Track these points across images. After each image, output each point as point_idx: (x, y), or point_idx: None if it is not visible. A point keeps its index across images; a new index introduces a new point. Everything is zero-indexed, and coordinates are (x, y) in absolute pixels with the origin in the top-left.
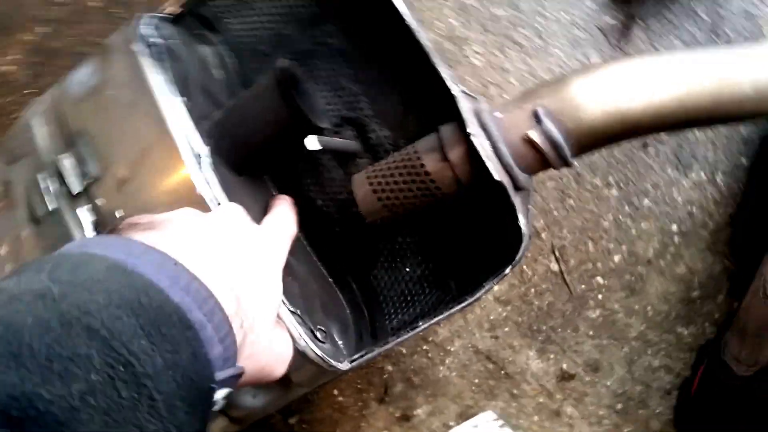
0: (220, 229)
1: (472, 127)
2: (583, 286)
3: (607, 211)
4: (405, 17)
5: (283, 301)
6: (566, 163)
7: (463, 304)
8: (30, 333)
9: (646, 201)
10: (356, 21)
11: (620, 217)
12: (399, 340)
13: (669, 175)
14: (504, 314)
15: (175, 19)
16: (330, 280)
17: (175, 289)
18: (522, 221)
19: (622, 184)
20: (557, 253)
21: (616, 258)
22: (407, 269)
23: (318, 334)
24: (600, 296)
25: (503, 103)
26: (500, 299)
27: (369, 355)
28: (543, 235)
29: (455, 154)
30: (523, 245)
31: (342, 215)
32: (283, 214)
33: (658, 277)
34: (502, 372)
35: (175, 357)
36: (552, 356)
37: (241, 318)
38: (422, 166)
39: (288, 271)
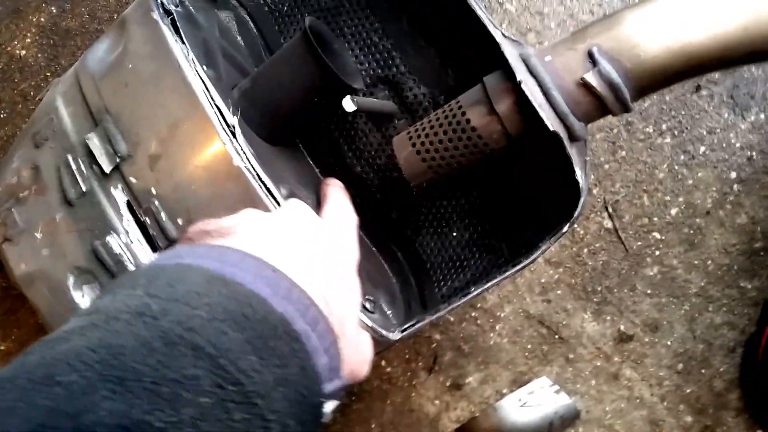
0: (293, 229)
1: (521, 74)
2: (639, 242)
3: (661, 161)
4: None
5: None
6: (626, 108)
7: (518, 267)
8: (133, 355)
9: (702, 148)
10: None
11: (675, 166)
12: (451, 307)
13: (725, 119)
14: (556, 276)
15: None
16: (374, 249)
17: (277, 299)
18: (579, 174)
19: (676, 131)
20: (610, 209)
21: (673, 211)
22: (454, 234)
23: (367, 305)
24: (657, 252)
25: (551, 45)
26: (551, 261)
27: (420, 324)
28: (594, 190)
29: (503, 105)
30: (582, 200)
31: (382, 181)
32: (341, 203)
33: (718, 229)
34: (556, 336)
35: (285, 372)
36: (608, 318)
37: (333, 322)
38: (468, 121)
39: None
